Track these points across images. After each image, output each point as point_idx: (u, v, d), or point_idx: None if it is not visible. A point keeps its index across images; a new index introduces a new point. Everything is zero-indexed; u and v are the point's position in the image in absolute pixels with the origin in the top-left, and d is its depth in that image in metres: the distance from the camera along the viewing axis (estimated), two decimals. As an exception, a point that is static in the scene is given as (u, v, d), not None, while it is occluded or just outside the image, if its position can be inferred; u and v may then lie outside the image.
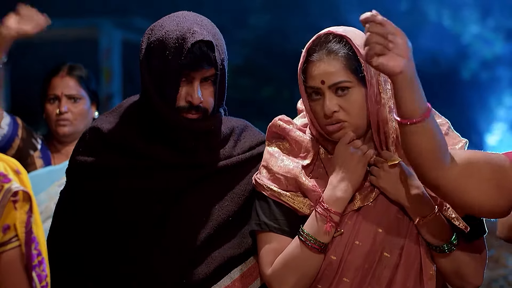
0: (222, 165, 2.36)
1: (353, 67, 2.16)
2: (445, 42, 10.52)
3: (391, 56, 1.92)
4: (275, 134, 2.34)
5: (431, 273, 2.23)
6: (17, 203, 2.16)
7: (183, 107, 2.26)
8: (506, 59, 11.27)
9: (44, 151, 3.53)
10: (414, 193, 2.18)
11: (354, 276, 2.21)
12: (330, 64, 2.17)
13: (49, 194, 3.28)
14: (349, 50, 2.17)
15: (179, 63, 2.21)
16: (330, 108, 2.17)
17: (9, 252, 2.17)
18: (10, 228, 2.16)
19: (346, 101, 2.18)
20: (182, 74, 2.23)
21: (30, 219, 2.19)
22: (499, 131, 11.60)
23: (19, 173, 2.23)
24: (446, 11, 10.82)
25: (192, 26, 2.25)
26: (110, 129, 2.36)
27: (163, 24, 2.28)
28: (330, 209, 2.18)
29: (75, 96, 3.52)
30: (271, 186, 2.25)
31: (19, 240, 2.17)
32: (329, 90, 2.18)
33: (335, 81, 2.17)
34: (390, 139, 2.22)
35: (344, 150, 2.20)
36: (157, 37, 2.26)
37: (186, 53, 2.20)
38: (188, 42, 2.21)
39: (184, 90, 2.26)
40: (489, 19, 11.11)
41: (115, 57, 9.83)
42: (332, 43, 2.18)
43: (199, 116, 2.28)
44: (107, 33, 9.79)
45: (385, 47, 1.92)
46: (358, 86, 2.17)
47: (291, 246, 2.22)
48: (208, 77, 2.27)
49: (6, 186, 2.16)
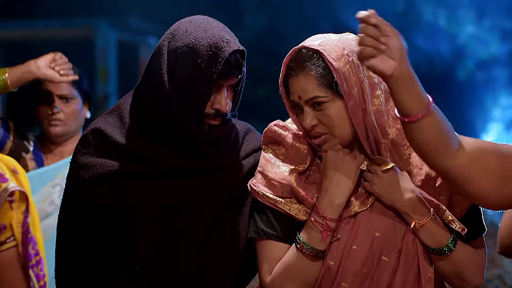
0: (228, 171, 2.34)
1: (327, 82, 2.14)
2: (441, 43, 10.52)
3: (382, 59, 1.91)
4: (271, 139, 2.32)
5: (429, 275, 2.22)
6: (13, 203, 2.15)
7: (210, 114, 2.24)
8: (502, 59, 11.29)
9: (37, 153, 3.51)
10: (408, 197, 2.17)
11: (352, 281, 2.20)
12: (304, 80, 2.16)
13: (42, 194, 3.27)
14: (322, 66, 2.15)
15: (213, 72, 2.18)
16: (308, 122, 2.17)
17: (5, 252, 2.16)
18: (6, 228, 2.15)
19: (324, 115, 2.16)
20: (215, 83, 2.21)
21: (27, 219, 2.18)
22: (494, 131, 11.61)
23: (16, 173, 2.22)
24: (442, 12, 10.82)
25: (222, 34, 2.21)
26: (113, 132, 2.32)
27: (187, 29, 2.23)
28: (325, 216, 2.17)
29: (67, 96, 3.50)
30: (267, 193, 2.24)
31: (16, 240, 2.16)
32: (306, 105, 2.17)
33: (310, 97, 2.16)
34: (381, 145, 2.21)
35: (335, 156, 2.19)
36: (185, 44, 2.20)
37: (223, 62, 2.17)
38: (225, 51, 2.17)
39: (212, 98, 2.23)
40: (485, 20, 11.11)
41: (111, 57, 9.82)
42: (305, 59, 2.17)
43: (219, 122, 2.27)
44: (103, 33, 9.78)
45: (377, 49, 1.91)
46: (336, 99, 2.16)
47: (289, 254, 2.21)
48: (233, 83, 2.26)
49: (3, 186, 2.15)
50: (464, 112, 10.91)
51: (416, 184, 2.19)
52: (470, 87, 11.19)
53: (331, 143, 2.17)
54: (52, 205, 3.26)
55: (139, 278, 2.25)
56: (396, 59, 1.90)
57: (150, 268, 2.25)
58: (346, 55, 2.14)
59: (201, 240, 2.27)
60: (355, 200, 2.20)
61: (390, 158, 2.21)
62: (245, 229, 2.31)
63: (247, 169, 2.35)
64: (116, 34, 9.92)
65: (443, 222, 2.20)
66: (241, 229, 2.32)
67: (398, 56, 1.91)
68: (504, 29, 11.08)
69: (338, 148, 2.18)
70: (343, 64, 2.12)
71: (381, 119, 2.19)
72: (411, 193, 2.16)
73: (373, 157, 2.21)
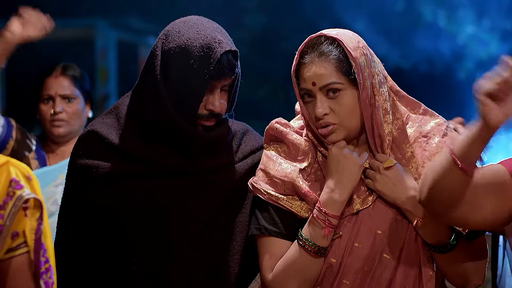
0: (225, 172, 2.35)
1: (345, 69, 2.16)
2: (441, 43, 10.50)
3: (498, 106, 1.85)
4: (272, 137, 2.33)
5: (430, 273, 2.23)
6: (27, 210, 2.16)
7: (203, 115, 2.25)
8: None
9: (39, 152, 3.52)
10: (411, 194, 2.18)
11: (354, 278, 2.21)
12: (321, 66, 2.17)
13: (46, 194, 3.27)
14: (340, 53, 2.17)
15: (205, 73, 2.19)
16: (321, 110, 2.18)
17: (17, 258, 2.17)
18: (19, 234, 2.16)
19: (337, 103, 2.17)
20: (207, 84, 2.21)
21: (40, 226, 2.19)
22: (494, 131, 11.57)
23: (30, 180, 2.22)
24: (441, 12, 10.80)
25: (215, 35, 2.22)
26: (109, 133, 2.33)
27: (180, 30, 2.24)
28: (328, 213, 2.17)
29: (69, 96, 3.51)
30: (269, 190, 2.24)
31: (28, 246, 2.17)
32: (320, 92, 2.18)
33: (326, 83, 2.17)
34: (385, 142, 2.22)
35: (338, 153, 2.19)
36: (178, 44, 2.21)
37: (215, 63, 2.18)
38: (217, 52, 2.18)
39: (205, 99, 2.23)
40: (485, 20, 11.10)
41: (111, 57, 9.81)
42: (323, 46, 2.19)
43: (214, 123, 2.27)
44: (103, 33, 9.77)
45: (502, 93, 1.84)
46: (350, 89, 2.17)
47: (291, 251, 2.22)
48: (226, 84, 2.26)
49: (18, 193, 2.16)
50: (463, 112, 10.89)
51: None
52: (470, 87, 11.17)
53: (338, 134, 2.18)
54: (55, 205, 3.27)
55: (135, 278, 2.26)
56: (506, 117, 1.84)
57: (146, 268, 2.26)
58: (361, 48, 2.17)
59: (197, 241, 2.28)
60: (357, 198, 2.22)
61: (393, 156, 2.22)
62: (243, 230, 2.32)
63: (244, 170, 2.36)
64: (116, 34, 9.91)
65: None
66: (239, 231, 2.32)
67: (508, 116, 1.84)
68: (504, 29, 11.07)
69: (342, 145, 2.19)
70: (359, 55, 2.15)
71: (386, 116, 2.21)
72: (413, 191, 2.17)
73: (376, 154, 2.22)
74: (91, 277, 2.33)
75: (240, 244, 2.36)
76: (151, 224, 2.30)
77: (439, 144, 2.29)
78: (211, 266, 2.32)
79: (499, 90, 1.87)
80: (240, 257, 2.36)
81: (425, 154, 2.28)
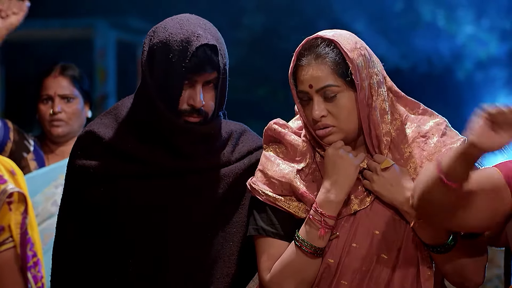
0: (221, 172, 2.35)
1: (341, 71, 2.16)
2: (440, 42, 10.50)
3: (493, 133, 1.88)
4: (271, 137, 2.33)
5: (428, 273, 2.23)
6: (12, 204, 2.16)
7: (184, 110, 2.25)
8: (501, 59, 11.27)
9: (38, 153, 3.52)
10: (408, 195, 2.18)
11: (352, 279, 2.22)
12: (318, 68, 2.17)
13: (46, 195, 3.27)
14: (337, 55, 2.17)
15: (183, 66, 2.20)
16: (318, 113, 2.18)
17: (3, 253, 2.17)
18: (5, 229, 2.16)
19: (335, 105, 2.18)
20: (186, 77, 2.22)
21: (25, 220, 2.19)
22: (493, 131, 11.56)
23: (14, 174, 2.22)
24: (440, 11, 10.80)
25: (196, 29, 2.23)
26: (107, 133, 2.34)
27: (166, 26, 2.26)
28: (324, 213, 2.17)
29: (68, 96, 3.51)
30: (266, 191, 2.25)
31: (14, 241, 2.17)
32: (317, 95, 2.18)
33: (323, 85, 2.17)
34: (383, 143, 2.22)
35: (335, 154, 2.20)
36: (161, 39, 2.24)
37: (190, 56, 2.19)
38: (193, 45, 2.19)
39: (186, 93, 2.24)
40: (484, 20, 11.10)
41: (110, 57, 9.81)
42: (320, 48, 2.18)
43: (200, 120, 2.27)
44: (102, 33, 9.77)
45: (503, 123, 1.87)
46: (347, 90, 2.17)
47: (288, 252, 2.22)
48: (211, 80, 2.26)
49: (1, 187, 2.16)
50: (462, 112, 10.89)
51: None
52: (469, 87, 11.18)
53: (335, 136, 2.18)
54: (55, 206, 3.26)
55: (133, 278, 2.26)
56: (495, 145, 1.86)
57: (143, 268, 2.26)
58: (359, 48, 2.16)
59: (194, 241, 2.28)
60: (355, 199, 2.22)
61: (391, 156, 2.22)
62: (240, 231, 2.32)
63: (241, 171, 2.36)
64: (116, 34, 9.91)
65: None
66: (236, 231, 2.32)
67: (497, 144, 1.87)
68: (503, 29, 11.07)
69: (339, 145, 2.19)
70: (356, 56, 2.14)
71: (384, 117, 2.21)
72: (410, 192, 2.17)
73: (373, 155, 2.22)
74: (89, 277, 2.33)
75: (237, 244, 2.36)
76: (148, 224, 2.30)
77: (437, 144, 2.29)
78: (208, 266, 2.32)
79: (501, 118, 1.89)
80: (237, 257, 2.37)
81: (423, 154, 2.28)
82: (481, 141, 1.90)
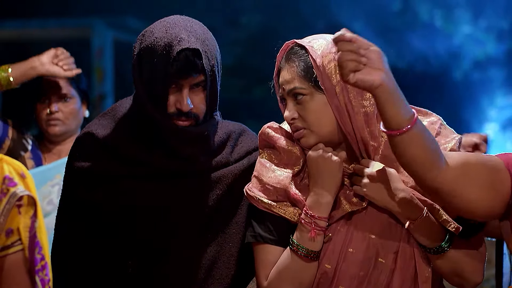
0: (221, 173, 2.35)
1: (309, 75, 2.17)
2: (437, 42, 10.49)
3: (367, 71, 1.90)
4: (265, 142, 2.34)
5: (426, 275, 2.23)
6: (21, 207, 2.16)
7: (173, 113, 2.25)
8: (498, 59, 11.27)
9: (35, 151, 3.51)
10: (400, 197, 2.18)
11: (350, 284, 2.22)
12: (288, 71, 2.22)
13: (42, 193, 3.27)
14: (308, 60, 2.19)
15: (166, 71, 2.20)
16: (287, 114, 2.22)
17: (12, 256, 2.17)
18: (13, 232, 2.16)
19: (303, 108, 2.20)
20: (171, 82, 2.22)
21: (34, 224, 2.19)
22: (490, 131, 11.58)
23: (24, 177, 2.23)
24: (438, 11, 10.80)
25: (179, 33, 2.23)
26: (105, 134, 2.34)
27: (153, 30, 2.27)
28: (313, 215, 2.18)
29: (65, 95, 3.51)
30: (262, 198, 2.25)
31: (23, 244, 2.17)
32: (288, 97, 2.22)
33: (290, 88, 2.21)
34: (370, 146, 2.22)
35: (316, 155, 2.20)
36: (147, 44, 2.25)
37: (172, 61, 2.19)
38: (174, 50, 2.20)
39: (173, 97, 2.25)
40: (481, 20, 11.10)
41: (108, 57, 9.81)
42: (293, 53, 2.22)
43: (191, 123, 2.27)
44: (99, 33, 9.76)
45: (359, 62, 1.90)
46: (316, 94, 2.18)
47: (284, 257, 2.22)
48: (198, 83, 2.26)
49: (11, 190, 2.16)
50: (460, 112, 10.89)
51: (411, 185, 2.20)
52: (466, 87, 11.18)
53: (309, 139, 2.19)
54: (51, 205, 3.27)
55: (132, 279, 2.26)
56: (381, 68, 1.90)
57: (143, 269, 2.26)
58: (334, 53, 2.17)
59: (193, 242, 2.29)
60: (344, 200, 2.22)
61: (384, 160, 2.22)
62: (239, 231, 2.33)
63: (240, 171, 2.36)
64: (113, 34, 9.91)
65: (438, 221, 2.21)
66: (235, 232, 2.33)
67: (382, 65, 1.90)
68: (501, 29, 11.07)
69: (319, 148, 2.20)
70: (328, 62, 2.15)
71: (371, 121, 2.20)
72: (402, 193, 2.17)
73: (360, 160, 2.22)
74: (88, 278, 2.33)
75: (237, 245, 2.36)
76: (148, 225, 2.30)
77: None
78: (207, 267, 2.32)
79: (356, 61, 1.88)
80: (236, 258, 2.37)
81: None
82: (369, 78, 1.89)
